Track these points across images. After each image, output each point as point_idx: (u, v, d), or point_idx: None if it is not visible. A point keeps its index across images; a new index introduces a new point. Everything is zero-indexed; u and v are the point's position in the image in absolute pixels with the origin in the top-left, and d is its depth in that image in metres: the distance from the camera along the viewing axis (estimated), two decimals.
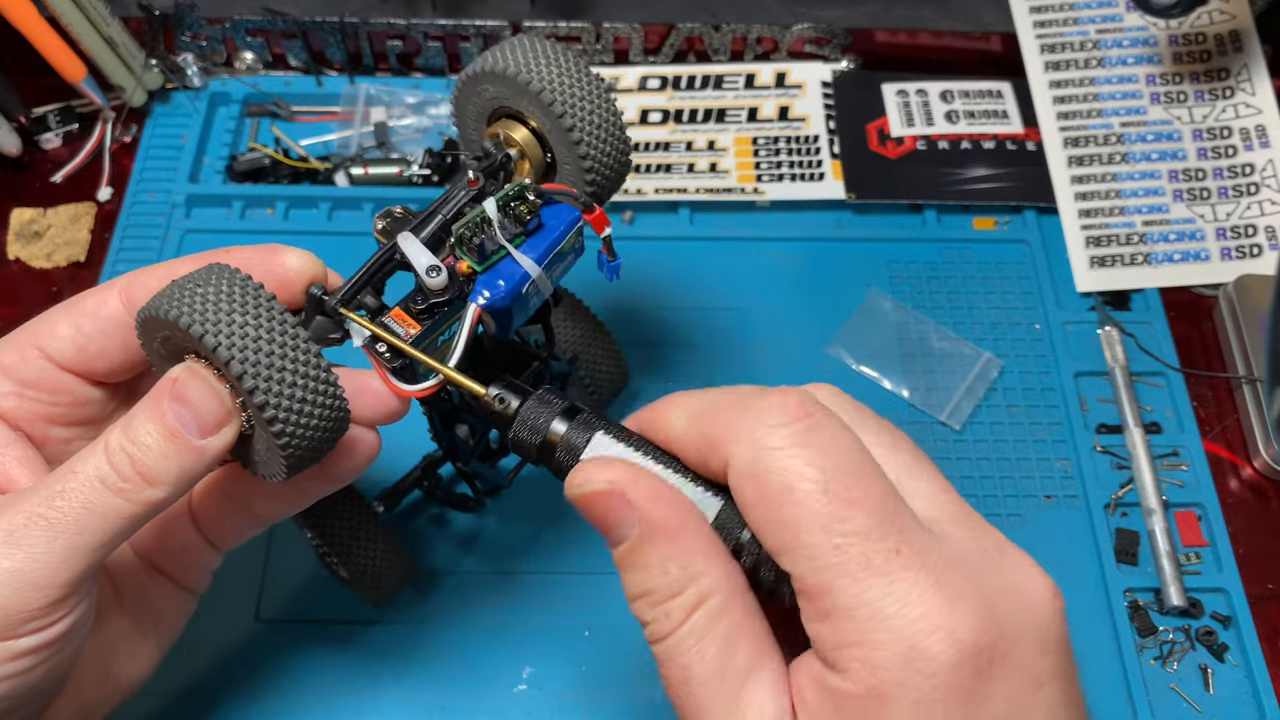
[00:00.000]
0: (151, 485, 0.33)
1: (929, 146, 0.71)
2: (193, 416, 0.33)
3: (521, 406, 0.35)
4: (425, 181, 0.69)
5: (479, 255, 0.38)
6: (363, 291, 0.38)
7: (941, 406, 0.62)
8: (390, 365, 0.37)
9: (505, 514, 0.58)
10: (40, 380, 0.39)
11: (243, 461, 0.37)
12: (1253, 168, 0.69)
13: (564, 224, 0.40)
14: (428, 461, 0.54)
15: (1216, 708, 0.53)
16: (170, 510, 0.38)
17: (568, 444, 0.34)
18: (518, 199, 0.39)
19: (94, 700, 0.40)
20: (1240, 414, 0.62)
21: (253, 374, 0.32)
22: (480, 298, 0.38)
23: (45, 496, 0.33)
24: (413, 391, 0.37)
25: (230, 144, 0.72)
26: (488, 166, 0.41)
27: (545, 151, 0.43)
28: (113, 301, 0.39)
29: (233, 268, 0.34)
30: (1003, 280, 0.67)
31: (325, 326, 0.38)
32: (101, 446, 0.34)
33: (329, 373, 0.34)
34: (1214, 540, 0.58)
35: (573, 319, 0.55)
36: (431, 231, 0.38)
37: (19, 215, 0.68)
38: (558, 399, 0.35)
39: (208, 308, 0.32)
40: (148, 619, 0.42)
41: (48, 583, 0.32)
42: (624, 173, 0.44)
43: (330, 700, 0.52)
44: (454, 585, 0.56)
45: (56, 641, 0.34)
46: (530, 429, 0.35)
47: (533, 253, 0.39)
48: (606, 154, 0.42)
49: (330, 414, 0.34)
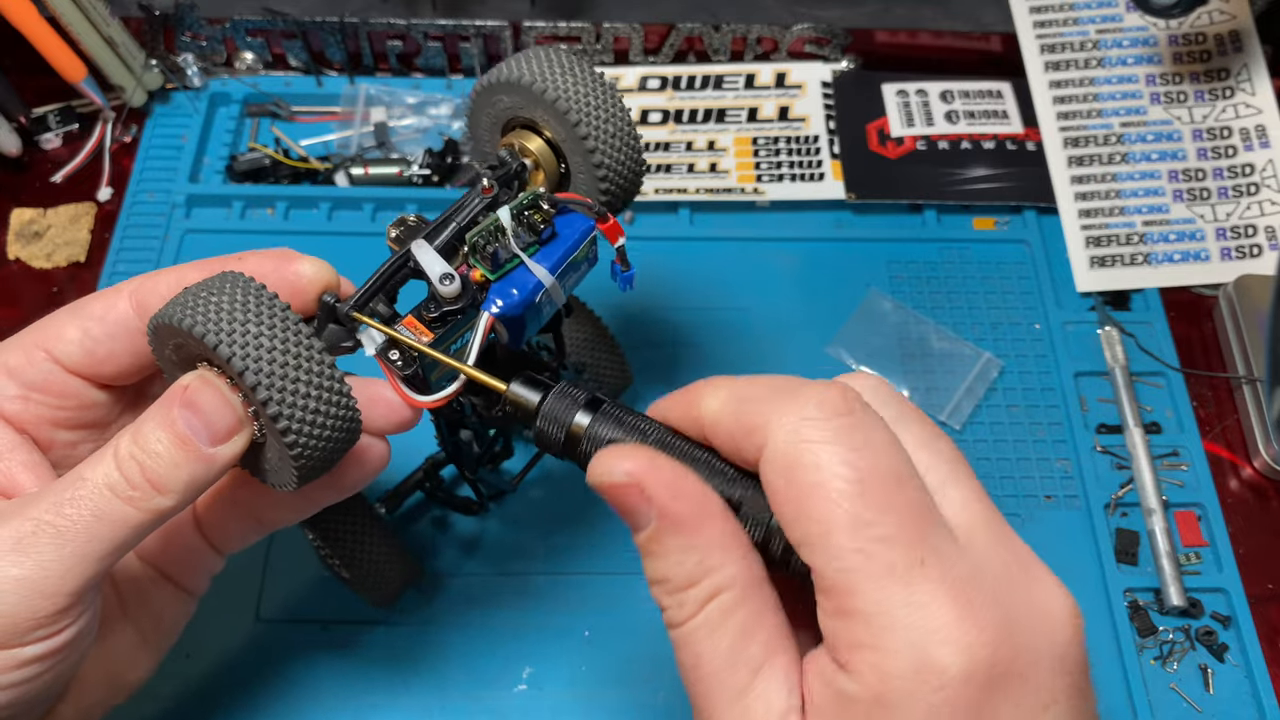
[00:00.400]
0: (161, 493, 0.33)
1: (929, 146, 0.71)
2: (204, 425, 0.33)
3: (544, 401, 0.35)
4: (425, 181, 0.69)
5: (492, 264, 0.38)
6: (375, 299, 0.38)
7: (941, 406, 0.62)
8: (403, 374, 0.37)
9: (507, 517, 0.58)
10: (47, 383, 0.39)
11: (252, 470, 0.37)
12: (1253, 168, 0.69)
13: (578, 233, 0.40)
14: (430, 463, 0.54)
15: (1216, 708, 0.53)
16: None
17: (592, 436, 0.34)
18: (532, 208, 0.39)
19: (94, 702, 0.40)
20: (1240, 414, 0.62)
21: (266, 384, 0.32)
22: (493, 306, 0.38)
23: (54, 504, 0.33)
24: (426, 402, 0.37)
25: (230, 144, 0.72)
26: (502, 175, 0.41)
27: (560, 162, 0.43)
28: (122, 305, 0.38)
29: (246, 276, 0.34)
30: (1003, 280, 0.67)
31: (338, 335, 0.37)
32: (111, 453, 0.33)
33: (342, 383, 0.34)
34: (1214, 540, 0.58)
35: (577, 323, 0.55)
36: (445, 239, 0.38)
37: (19, 215, 0.68)
38: (579, 391, 0.35)
39: (221, 316, 0.32)
40: (148, 622, 0.42)
41: (55, 590, 0.32)
42: (638, 183, 0.44)
43: (330, 700, 0.52)
44: (454, 586, 0.56)
45: (63, 649, 0.34)
46: (554, 423, 0.35)
47: (546, 262, 0.39)
48: (621, 165, 0.42)
49: (343, 424, 0.34)
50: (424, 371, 0.37)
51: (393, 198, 0.68)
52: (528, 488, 0.58)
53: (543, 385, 0.36)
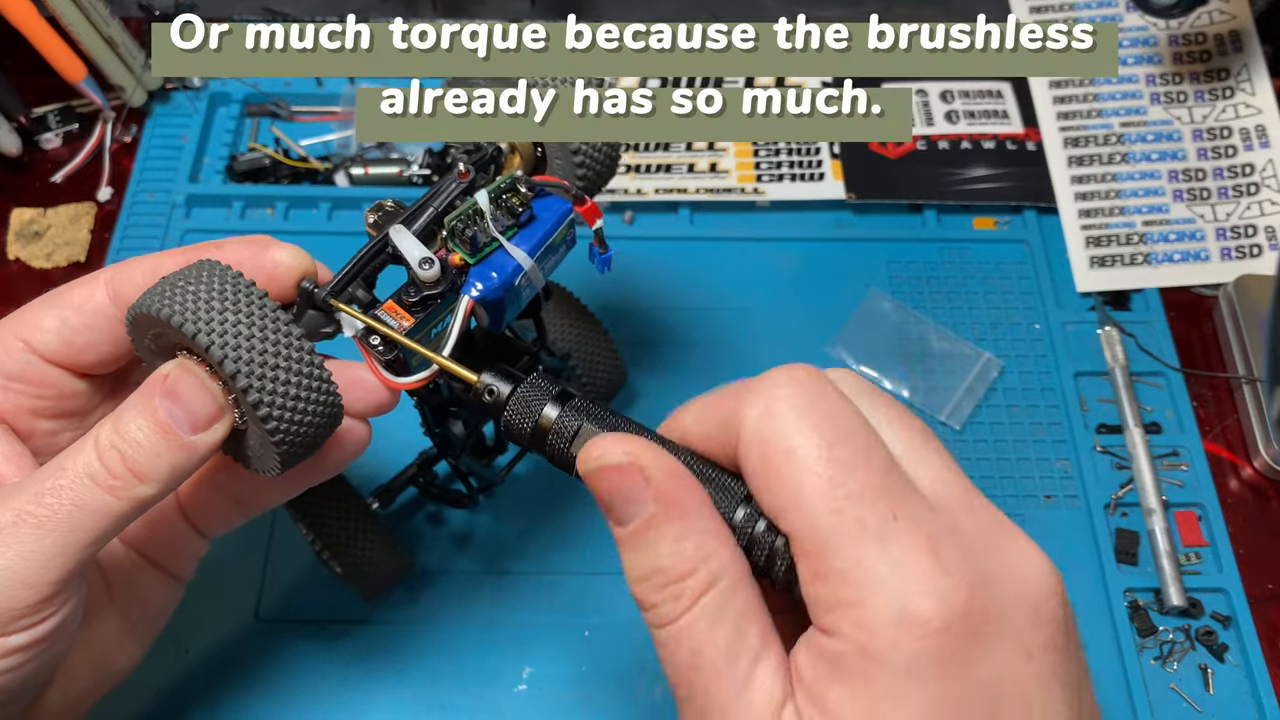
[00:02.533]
0: (142, 482, 0.33)
1: (929, 146, 0.71)
2: (184, 413, 0.33)
3: (513, 393, 0.35)
4: (425, 181, 0.69)
5: (471, 247, 0.38)
6: (353, 284, 0.38)
7: (941, 406, 0.62)
8: (384, 359, 0.37)
9: (500, 512, 0.58)
10: (25, 374, 0.39)
11: (236, 457, 0.37)
12: (1253, 168, 0.69)
13: (555, 216, 0.40)
14: (424, 458, 0.54)
15: (1216, 708, 0.53)
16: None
17: (560, 429, 0.34)
18: (510, 191, 0.39)
19: (82, 690, 0.40)
20: (1240, 414, 0.62)
21: (245, 371, 0.32)
22: (473, 290, 0.38)
23: (35, 494, 0.33)
24: (403, 384, 0.38)
25: (230, 144, 0.72)
26: (479, 160, 0.41)
27: (536, 145, 0.43)
28: (99, 295, 0.39)
29: (223, 264, 0.34)
30: (1003, 280, 0.67)
31: (317, 321, 0.38)
32: (91, 443, 0.33)
33: (322, 368, 0.34)
34: (1214, 540, 0.58)
35: (568, 316, 0.55)
36: (423, 224, 0.39)
37: (19, 215, 0.68)
38: (550, 384, 0.35)
39: (199, 305, 0.32)
40: (135, 608, 0.42)
41: (37, 580, 0.32)
42: (614, 165, 0.45)
43: (330, 699, 0.52)
44: (454, 586, 0.56)
45: (47, 638, 0.34)
46: (522, 414, 0.35)
47: (525, 245, 0.39)
48: (597, 147, 0.43)
49: (324, 409, 0.34)
50: (405, 354, 0.38)
51: (392, 198, 0.68)
52: (520, 482, 0.58)
53: (514, 377, 0.36)
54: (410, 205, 0.40)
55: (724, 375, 0.63)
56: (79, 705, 0.41)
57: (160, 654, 0.52)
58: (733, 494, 0.32)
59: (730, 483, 0.32)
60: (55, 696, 0.39)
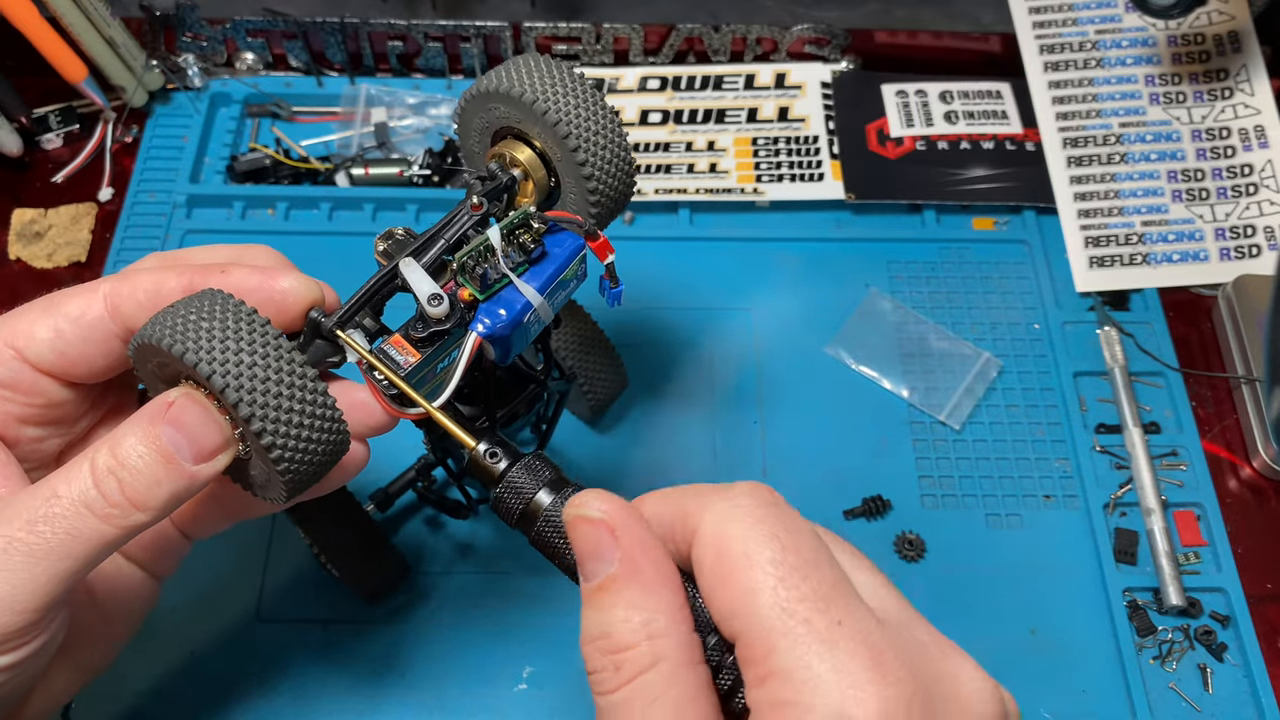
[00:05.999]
0: (139, 510, 0.33)
1: (928, 147, 0.71)
2: (188, 442, 0.33)
3: (509, 470, 0.35)
4: (425, 182, 0.69)
5: (481, 284, 0.38)
6: (361, 313, 0.37)
7: (941, 406, 0.62)
8: (387, 394, 0.37)
9: (500, 520, 0.58)
10: (14, 381, 0.38)
11: (241, 484, 0.37)
12: (1252, 168, 0.69)
13: (567, 252, 0.40)
14: (423, 463, 0.54)
15: (1215, 707, 0.53)
16: None
17: (550, 518, 0.34)
18: (522, 227, 0.38)
19: (62, 689, 0.40)
20: (1239, 414, 0.62)
21: (249, 402, 0.32)
22: (480, 326, 0.37)
23: (28, 521, 0.32)
24: (406, 415, 0.37)
25: (231, 144, 0.72)
26: (492, 189, 0.41)
27: (550, 174, 0.43)
28: (96, 307, 0.38)
29: (227, 294, 0.34)
30: (1002, 280, 0.67)
31: (324, 350, 0.37)
32: (87, 467, 0.33)
33: (327, 397, 0.34)
34: (1213, 540, 0.58)
35: (572, 325, 0.55)
36: (434, 257, 0.38)
37: (20, 215, 0.68)
38: (546, 468, 0.35)
39: (202, 336, 0.32)
40: (115, 607, 0.41)
41: (25, 607, 0.32)
42: (628, 194, 0.44)
43: (331, 699, 0.52)
44: (454, 586, 0.56)
45: (32, 657, 0.34)
46: (515, 494, 0.34)
47: (535, 281, 0.38)
48: (612, 178, 0.42)
49: (329, 439, 0.34)
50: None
51: (393, 198, 0.68)
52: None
53: (512, 453, 0.35)
54: (421, 235, 0.39)
55: (723, 375, 0.63)
56: (56, 703, 0.40)
57: (163, 654, 0.53)
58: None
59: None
60: (36, 700, 0.39)
